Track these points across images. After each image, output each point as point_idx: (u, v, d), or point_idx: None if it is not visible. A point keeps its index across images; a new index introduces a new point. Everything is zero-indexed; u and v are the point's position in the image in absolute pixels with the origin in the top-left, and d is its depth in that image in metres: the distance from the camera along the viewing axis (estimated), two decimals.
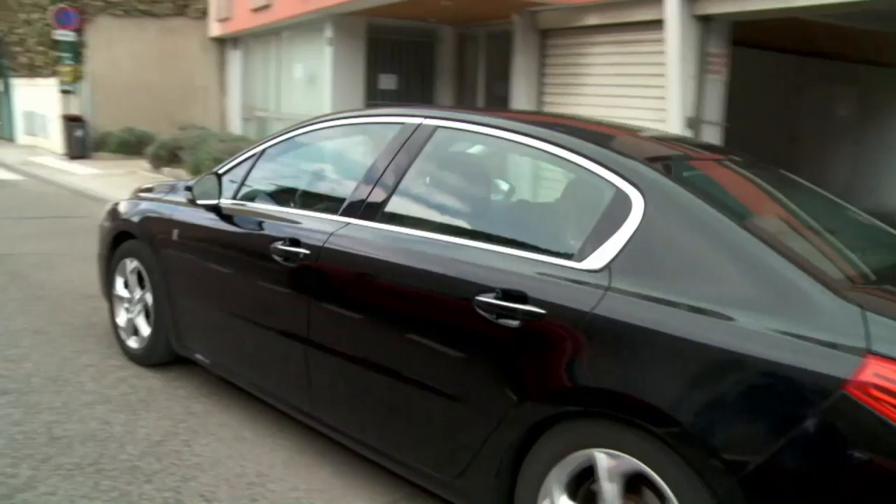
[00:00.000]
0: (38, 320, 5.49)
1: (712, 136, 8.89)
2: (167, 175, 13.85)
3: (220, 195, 4.00)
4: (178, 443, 3.69)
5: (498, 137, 3.11)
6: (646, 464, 2.29)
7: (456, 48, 13.18)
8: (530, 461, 2.58)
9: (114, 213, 4.97)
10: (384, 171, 3.30)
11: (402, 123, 3.40)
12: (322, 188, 3.97)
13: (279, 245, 3.45)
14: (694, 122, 8.75)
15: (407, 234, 3.08)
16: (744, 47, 9.53)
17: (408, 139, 3.29)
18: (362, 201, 3.31)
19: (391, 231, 3.14)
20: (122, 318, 4.84)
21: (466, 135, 3.31)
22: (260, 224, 3.75)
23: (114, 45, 17.06)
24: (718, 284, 2.28)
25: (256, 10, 14.35)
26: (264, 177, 4.06)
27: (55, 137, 17.35)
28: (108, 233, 4.93)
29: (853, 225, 3.28)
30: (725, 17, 8.53)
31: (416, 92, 13.14)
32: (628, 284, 2.40)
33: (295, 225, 3.52)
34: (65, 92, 16.68)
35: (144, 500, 3.15)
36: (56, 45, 16.46)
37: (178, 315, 4.32)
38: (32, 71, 18.38)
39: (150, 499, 3.17)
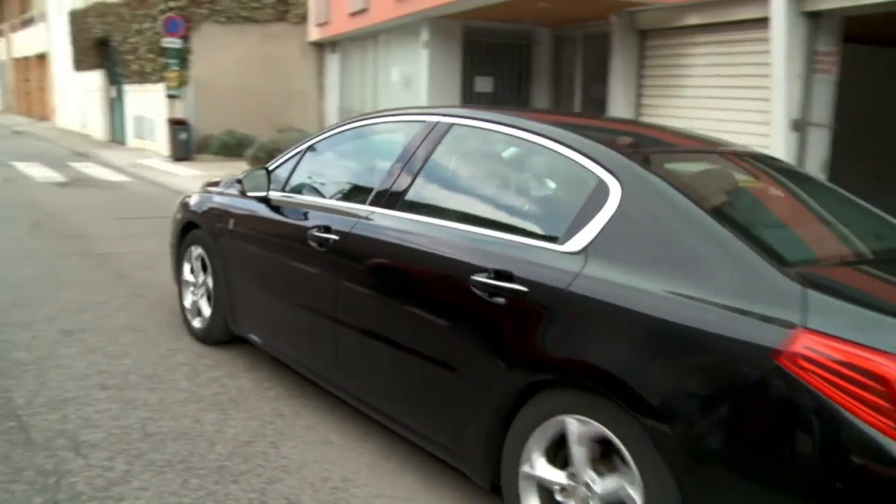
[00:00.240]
0: (138, 318, 5.65)
1: (820, 138, 8.51)
2: None
3: (269, 188, 4.39)
4: (265, 444, 3.71)
5: (502, 133, 3.38)
6: (608, 428, 2.51)
7: (553, 50, 13.03)
8: (515, 426, 2.82)
9: (184, 205, 5.43)
10: (405, 165, 3.62)
11: (423, 122, 3.72)
12: (354, 181, 4.22)
13: (314, 232, 3.83)
14: (800, 125, 8.39)
15: (419, 221, 3.38)
16: (856, 44, 9.08)
17: (427, 136, 3.61)
18: (385, 192, 3.64)
19: (406, 218, 3.44)
20: (188, 301, 5.31)
21: (477, 131, 3.52)
22: (300, 213, 4.11)
23: (217, 51, 17.55)
24: (678, 264, 2.48)
25: (354, 14, 14.52)
26: (307, 171, 4.42)
27: (161, 140, 17.97)
28: (178, 223, 5.44)
29: (861, 215, 3.40)
30: (837, 13, 8.15)
31: (512, 94, 13.05)
32: (600, 265, 2.63)
33: (329, 214, 3.89)
34: (171, 97, 17.24)
35: (230, 501, 3.18)
36: (164, 52, 17.05)
37: (233, 297, 4.74)
38: (142, 77, 19.08)
39: (235, 499, 3.19)
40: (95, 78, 23.40)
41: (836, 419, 2.03)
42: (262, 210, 4.39)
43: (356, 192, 3.95)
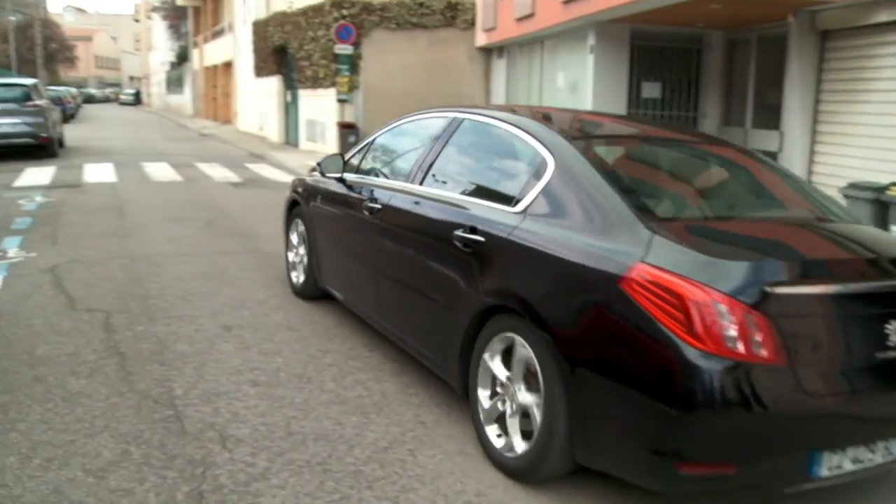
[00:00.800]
0: (294, 317, 5.82)
1: None
2: None
3: (343, 170, 5.59)
4: (403, 451, 3.70)
5: (489, 123, 4.40)
6: (528, 343, 3.36)
7: (724, 54, 12.47)
8: (479, 339, 3.74)
9: (293, 185, 6.66)
10: (429, 151, 4.68)
11: (446, 117, 4.75)
12: (397, 164, 5.25)
13: (367, 203, 4.97)
14: None
15: (430, 194, 4.40)
16: None
17: (446, 128, 4.66)
18: (413, 171, 4.70)
19: (423, 192, 4.48)
20: (291, 263, 6.58)
21: (479, 125, 4.51)
22: (361, 189, 5.23)
23: (386, 56, 17.98)
24: (578, 218, 3.35)
25: (520, 19, 14.48)
26: (371, 157, 5.57)
27: (331, 143, 18.59)
28: (287, 201, 6.72)
29: (796, 191, 4.10)
30: None
31: (681, 100, 12.61)
32: (531, 220, 3.54)
33: (378, 189, 5.01)
34: (341, 101, 17.82)
35: None
36: (336, 58, 17.63)
37: (319, 257, 5.95)
38: (315, 83, 19.84)
39: None
40: (273, 83, 24.58)
41: (651, 325, 2.82)
42: (338, 187, 5.59)
43: (397, 172, 5.07)
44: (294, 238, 6.50)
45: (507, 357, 3.58)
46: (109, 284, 6.60)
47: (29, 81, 19.75)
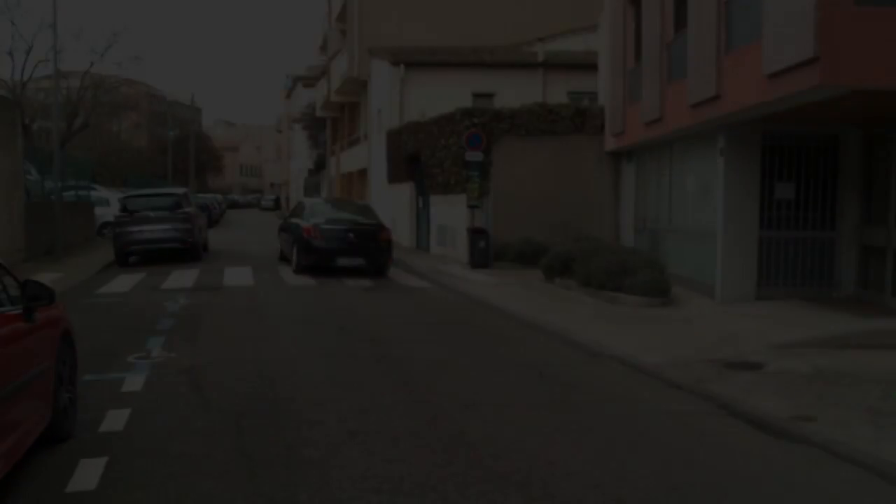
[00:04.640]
0: (420, 424, 5.80)
1: None
2: (558, 285, 14.21)
3: (285, 216, 22.54)
4: None
5: (306, 201, 22.16)
6: (296, 245, 17.88)
7: (863, 151, 12.03)
8: (295, 247, 17.22)
9: (279, 225, 21.32)
10: (304, 210, 18.33)
11: (303, 199, 24.97)
12: (297, 212, 18.92)
13: (288, 221, 19.04)
14: None
15: (296, 219, 17.94)
16: None
17: (302, 202, 20.84)
18: (298, 213, 18.64)
19: (298, 219, 17.72)
20: (279, 252, 19.76)
21: (303, 202, 21.10)
22: (289, 220, 18.96)
23: (516, 162, 18.25)
24: (313, 217, 17.08)
25: (649, 123, 14.47)
26: (291, 212, 20.74)
27: (461, 248, 18.85)
28: (278, 227, 21.13)
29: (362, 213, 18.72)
30: None
31: (816, 200, 12.17)
32: (301, 219, 17.49)
33: (295, 220, 17.85)
34: (472, 207, 18.12)
35: None
36: (466, 164, 18.05)
37: (281, 245, 19.44)
38: (446, 189, 20.29)
39: None
40: (405, 190, 25.31)
41: (304, 236, 16.47)
42: (284, 221, 19.99)
43: (297, 216, 18.17)
44: (278, 242, 19.42)
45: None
46: (242, 386, 6.80)
47: (179, 190, 21.20)
